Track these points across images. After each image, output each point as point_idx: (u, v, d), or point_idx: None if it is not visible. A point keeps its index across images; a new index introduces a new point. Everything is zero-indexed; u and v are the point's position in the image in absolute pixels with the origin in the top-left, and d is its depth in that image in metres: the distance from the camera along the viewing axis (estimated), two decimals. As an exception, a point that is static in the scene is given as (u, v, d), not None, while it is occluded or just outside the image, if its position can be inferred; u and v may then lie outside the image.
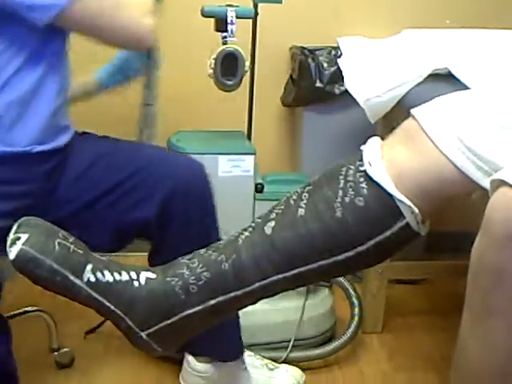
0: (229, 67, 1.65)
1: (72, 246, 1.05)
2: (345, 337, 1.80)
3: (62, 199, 1.41)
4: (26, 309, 1.76)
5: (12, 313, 1.70)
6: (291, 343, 1.75)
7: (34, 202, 1.36)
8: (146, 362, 1.78)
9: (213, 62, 1.67)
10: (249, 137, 2.00)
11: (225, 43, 1.69)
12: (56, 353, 1.75)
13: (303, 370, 1.71)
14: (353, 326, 1.81)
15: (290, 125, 2.35)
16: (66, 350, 1.76)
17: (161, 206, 1.40)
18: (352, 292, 1.84)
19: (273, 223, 1.05)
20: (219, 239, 1.35)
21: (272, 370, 1.67)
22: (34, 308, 1.76)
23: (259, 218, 1.09)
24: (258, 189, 1.84)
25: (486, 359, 0.92)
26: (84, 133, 1.53)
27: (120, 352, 1.80)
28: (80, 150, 1.45)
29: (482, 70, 1.47)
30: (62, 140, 1.40)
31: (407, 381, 1.76)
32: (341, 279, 1.84)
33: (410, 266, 1.94)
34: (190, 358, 1.63)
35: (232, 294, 1.05)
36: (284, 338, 1.75)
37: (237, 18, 1.71)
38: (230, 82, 1.67)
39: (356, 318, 1.82)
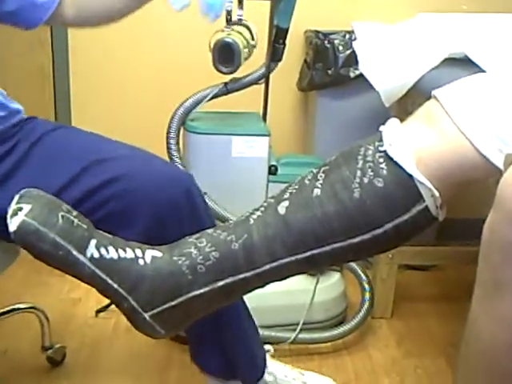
0: (227, 54, 1.61)
1: (76, 220, 1.00)
2: (354, 321, 1.80)
3: None
4: (19, 306, 1.67)
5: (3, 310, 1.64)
6: (300, 325, 1.75)
7: None
8: (156, 341, 1.79)
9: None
10: (264, 119, 1.99)
11: (228, 20, 1.66)
12: (49, 350, 1.68)
13: (311, 354, 1.71)
14: (363, 310, 1.81)
15: (305, 108, 2.34)
16: (58, 346, 1.70)
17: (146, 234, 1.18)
18: (364, 277, 1.83)
19: (287, 203, 1.02)
20: None
21: (303, 374, 1.56)
22: (27, 305, 1.68)
23: (272, 197, 1.06)
24: (272, 171, 1.83)
25: (495, 334, 0.91)
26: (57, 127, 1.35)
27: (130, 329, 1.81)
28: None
29: (499, 55, 1.45)
30: None
31: (415, 366, 1.76)
32: (352, 264, 1.83)
33: (421, 252, 1.94)
34: None
35: (241, 276, 1.02)
36: (294, 320, 1.75)
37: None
38: (225, 70, 1.65)
39: (367, 303, 1.82)
